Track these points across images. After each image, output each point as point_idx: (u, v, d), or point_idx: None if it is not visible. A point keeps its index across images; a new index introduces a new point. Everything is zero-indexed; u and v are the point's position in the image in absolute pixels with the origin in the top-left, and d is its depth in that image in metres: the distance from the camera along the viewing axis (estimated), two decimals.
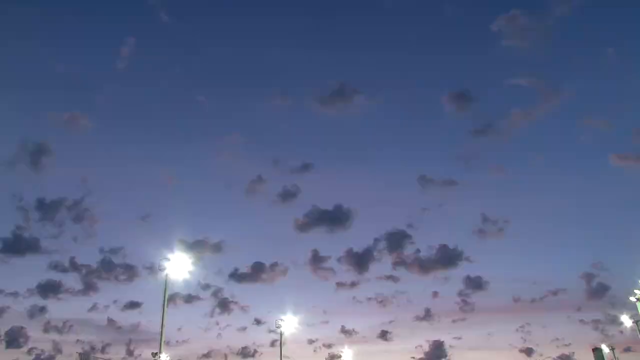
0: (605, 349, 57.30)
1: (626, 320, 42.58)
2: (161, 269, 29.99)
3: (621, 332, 63.78)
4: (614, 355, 53.62)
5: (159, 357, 27.72)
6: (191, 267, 31.29)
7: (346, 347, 57.18)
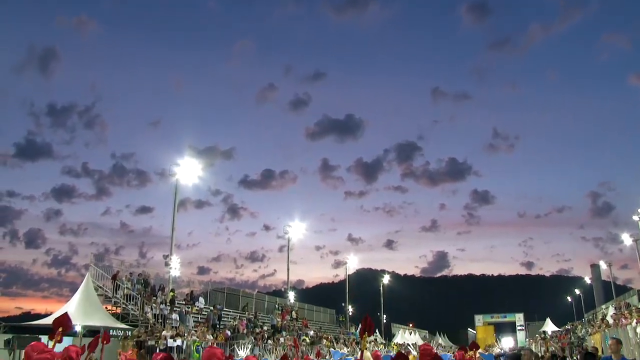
0: (603, 265, 58.69)
1: (626, 239, 43.12)
2: (171, 174, 30.36)
3: (620, 250, 65.24)
4: (611, 271, 55.11)
5: (170, 259, 28.76)
6: (201, 173, 31.68)
7: (352, 254, 58.88)
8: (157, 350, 18.84)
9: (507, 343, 65.51)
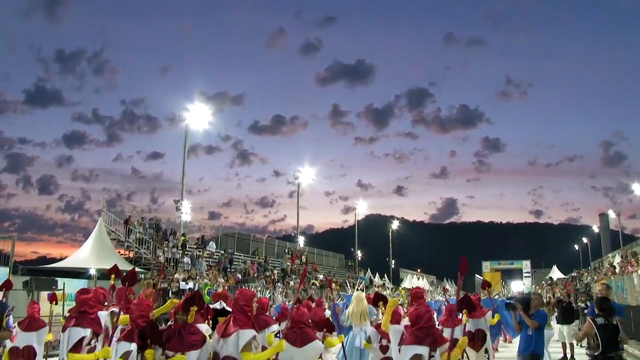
0: (611, 214, 58.57)
1: (637, 188, 42.85)
2: (181, 120, 30.31)
3: (630, 200, 65.07)
4: (619, 221, 55.04)
5: (181, 204, 29.07)
6: (211, 119, 31.61)
7: (361, 200, 59.21)
8: (170, 293, 19.37)
9: (516, 287, 66.36)
